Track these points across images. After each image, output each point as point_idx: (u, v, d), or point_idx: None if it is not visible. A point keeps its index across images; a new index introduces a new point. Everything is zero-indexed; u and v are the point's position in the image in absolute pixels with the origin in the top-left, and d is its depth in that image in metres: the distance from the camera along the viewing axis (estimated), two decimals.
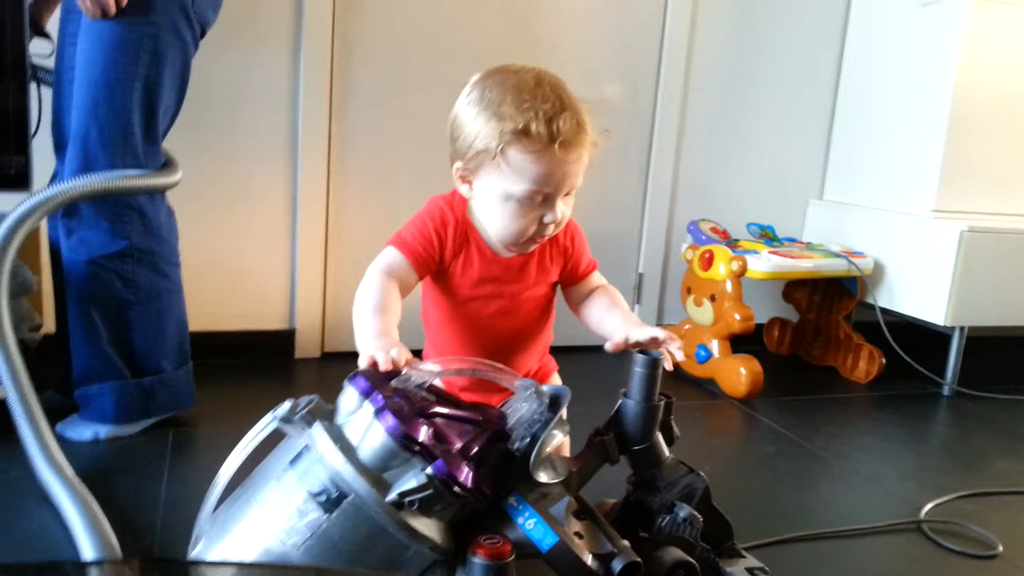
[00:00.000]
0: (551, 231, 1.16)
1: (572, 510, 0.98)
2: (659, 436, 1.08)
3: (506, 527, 0.93)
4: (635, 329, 1.13)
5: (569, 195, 1.15)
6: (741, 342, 2.34)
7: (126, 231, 1.61)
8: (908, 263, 2.46)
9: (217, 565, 0.90)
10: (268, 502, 0.89)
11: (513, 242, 1.17)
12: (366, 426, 0.88)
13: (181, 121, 1.72)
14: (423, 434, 0.87)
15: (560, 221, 1.15)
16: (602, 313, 1.24)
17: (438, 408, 0.94)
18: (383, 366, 0.95)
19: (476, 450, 0.92)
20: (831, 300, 2.63)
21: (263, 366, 2.25)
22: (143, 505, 1.41)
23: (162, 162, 1.67)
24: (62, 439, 1.60)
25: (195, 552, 0.93)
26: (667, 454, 1.09)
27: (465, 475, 0.87)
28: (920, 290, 2.42)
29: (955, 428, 2.20)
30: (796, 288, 2.72)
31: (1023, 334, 2.93)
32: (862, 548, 1.46)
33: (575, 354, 2.14)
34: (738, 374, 2.23)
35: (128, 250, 1.61)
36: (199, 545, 0.93)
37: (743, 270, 2.26)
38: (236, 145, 2.19)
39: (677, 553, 1.00)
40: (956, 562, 1.42)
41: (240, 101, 2.18)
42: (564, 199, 1.14)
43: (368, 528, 0.86)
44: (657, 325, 1.60)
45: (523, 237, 1.15)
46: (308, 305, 2.32)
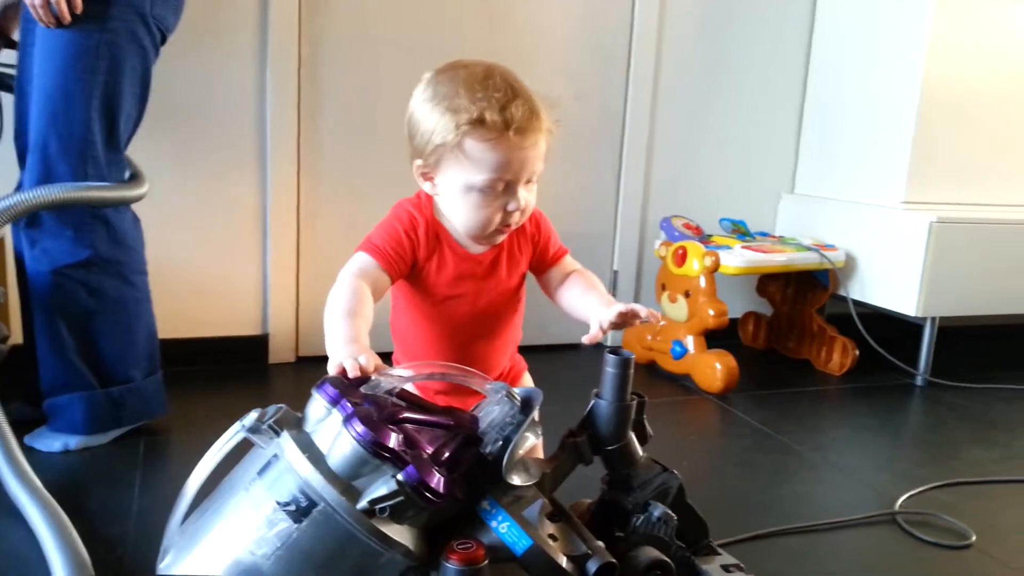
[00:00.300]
0: (516, 219, 1.17)
1: (546, 512, 0.97)
2: (632, 436, 1.08)
3: (480, 531, 0.92)
4: (604, 311, 1.13)
5: (531, 183, 1.16)
6: (716, 337, 2.35)
7: (90, 240, 1.58)
8: (879, 255, 2.48)
9: None
10: (237, 513, 0.88)
11: (480, 233, 1.18)
12: (335, 434, 0.87)
13: (149, 127, 1.69)
14: (393, 440, 0.86)
15: (524, 209, 1.16)
16: (578, 297, 1.25)
17: (408, 414, 0.93)
18: (351, 373, 0.95)
19: (447, 455, 0.91)
20: (804, 293, 2.65)
21: (237, 372, 2.23)
22: (114, 516, 1.39)
23: (127, 172, 1.65)
24: (31, 451, 1.58)
25: (163, 565, 0.91)
26: (641, 453, 1.09)
27: (436, 480, 0.86)
28: (891, 282, 2.44)
29: (929, 418, 2.22)
30: (770, 282, 2.73)
31: (994, 323, 2.97)
32: (838, 541, 1.47)
33: (544, 353, 2.14)
34: (713, 369, 2.23)
35: (93, 259, 1.59)
36: (167, 558, 0.92)
37: (716, 266, 2.27)
38: (205, 151, 2.17)
39: (652, 552, 1.00)
40: (931, 553, 1.43)
41: (207, 107, 2.15)
42: (526, 186, 1.15)
43: (339, 536, 0.85)
44: None
45: (489, 227, 1.16)
46: (281, 310, 2.31)
